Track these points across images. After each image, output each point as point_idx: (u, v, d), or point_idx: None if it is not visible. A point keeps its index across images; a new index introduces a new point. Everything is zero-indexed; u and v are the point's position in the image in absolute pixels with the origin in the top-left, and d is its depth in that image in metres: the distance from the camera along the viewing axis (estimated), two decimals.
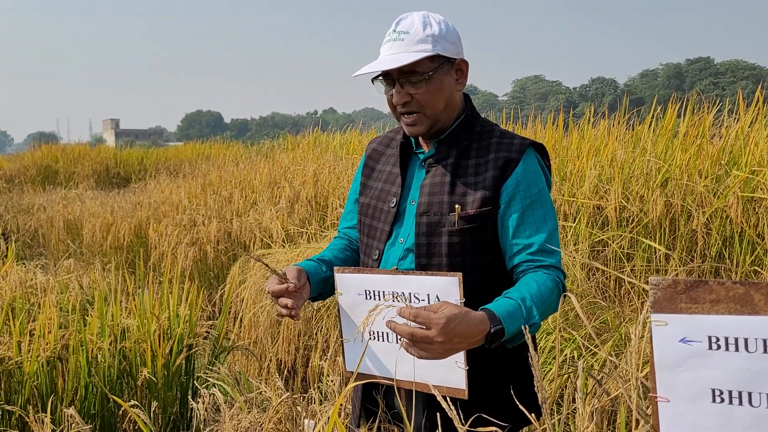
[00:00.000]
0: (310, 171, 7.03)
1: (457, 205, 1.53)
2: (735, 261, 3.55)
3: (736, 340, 0.97)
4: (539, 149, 1.61)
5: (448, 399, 1.24)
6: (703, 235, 3.56)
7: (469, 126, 1.63)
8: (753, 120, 4.12)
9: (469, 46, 1.63)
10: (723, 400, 0.99)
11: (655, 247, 3.66)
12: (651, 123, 4.63)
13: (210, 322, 3.88)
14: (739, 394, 0.98)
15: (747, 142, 3.89)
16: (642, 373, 1.14)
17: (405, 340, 1.29)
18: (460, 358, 1.38)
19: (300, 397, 1.82)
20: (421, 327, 1.26)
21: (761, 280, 3.38)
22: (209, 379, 3.12)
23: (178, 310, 3.34)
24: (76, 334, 2.98)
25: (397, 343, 1.48)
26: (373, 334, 1.51)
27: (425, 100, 1.54)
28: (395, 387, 1.48)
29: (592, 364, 2.71)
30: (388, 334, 1.49)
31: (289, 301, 1.48)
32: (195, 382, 3.34)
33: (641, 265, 3.70)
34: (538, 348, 2.97)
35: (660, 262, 3.68)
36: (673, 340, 1.01)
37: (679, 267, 3.59)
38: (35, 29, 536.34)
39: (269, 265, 1.53)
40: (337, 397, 1.95)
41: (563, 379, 2.65)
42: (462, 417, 1.23)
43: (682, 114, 4.49)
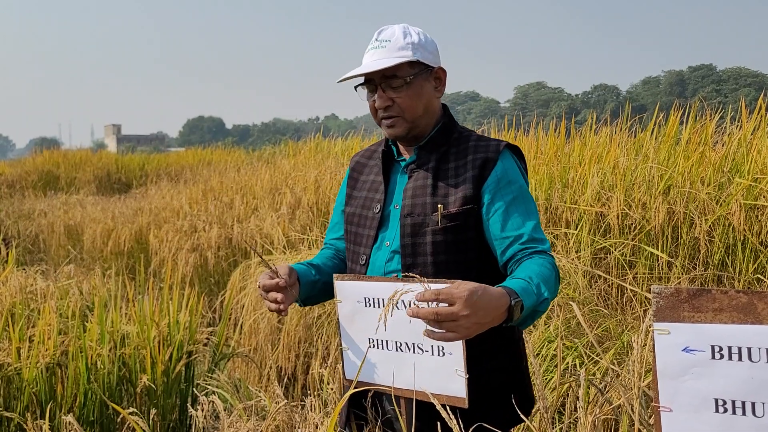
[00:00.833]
0: (311, 177, 7.03)
1: (439, 205, 1.58)
2: (738, 269, 3.54)
3: (740, 349, 0.96)
4: (514, 150, 1.67)
5: (448, 408, 1.22)
6: (705, 243, 3.55)
7: (447, 132, 1.69)
8: (756, 127, 4.11)
9: (470, 52, 1.67)
10: (726, 410, 0.98)
11: (657, 255, 3.65)
12: (653, 130, 4.63)
13: (210, 329, 3.87)
14: (743, 404, 0.97)
15: (750, 149, 3.88)
16: (644, 382, 1.13)
17: (428, 328, 1.28)
18: (460, 366, 1.36)
19: (298, 406, 1.81)
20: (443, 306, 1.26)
21: (764, 288, 3.37)
22: (209, 386, 3.10)
23: (178, 316, 3.33)
24: (76, 341, 2.98)
25: (397, 351, 1.47)
26: (373, 342, 1.51)
27: (405, 105, 1.60)
28: (392, 395, 1.47)
29: (593, 373, 2.69)
30: (387, 342, 1.48)
31: (279, 296, 1.52)
32: (194, 389, 3.33)
33: (643, 273, 3.69)
34: (539, 356, 2.95)
35: (662, 269, 3.66)
36: (675, 349, 1.00)
37: (682, 275, 3.58)
38: (37, 35, 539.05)
39: (264, 259, 1.54)
40: (336, 406, 1.94)
41: (565, 387, 2.63)
42: (461, 424, 1.22)
43: (685, 121, 4.48)
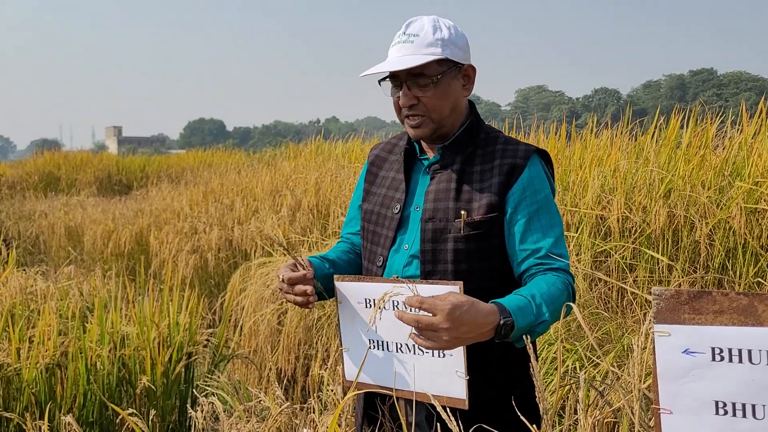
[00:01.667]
0: (312, 179, 7.03)
1: (462, 211, 1.52)
2: (738, 272, 3.53)
3: (740, 351, 0.96)
4: (543, 156, 1.61)
5: (448, 409, 1.22)
6: (706, 246, 3.55)
7: (474, 132, 1.62)
8: (756, 131, 4.11)
9: (471, 55, 1.62)
10: (726, 413, 0.98)
11: (657, 258, 3.64)
12: (654, 133, 4.62)
13: (210, 330, 3.87)
14: (743, 406, 0.96)
15: (750, 153, 3.88)
16: (644, 384, 1.13)
17: (412, 331, 1.28)
18: (461, 368, 1.36)
19: (299, 407, 1.81)
20: (427, 315, 1.25)
21: (765, 291, 3.37)
22: (208, 387, 3.10)
23: (178, 318, 3.33)
24: (76, 341, 2.98)
25: (398, 352, 1.47)
26: (373, 342, 1.50)
27: (432, 104, 1.53)
28: (394, 396, 1.47)
29: (593, 376, 2.69)
30: (387, 343, 1.48)
31: (309, 288, 1.46)
32: (194, 390, 3.33)
33: (644, 276, 3.69)
34: (539, 358, 2.95)
35: (663, 273, 3.66)
36: (676, 351, 1.00)
37: (682, 278, 3.57)
38: (38, 36, 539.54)
39: (289, 250, 1.51)
40: (337, 407, 1.94)
41: (565, 390, 2.63)
42: (462, 427, 1.21)
43: (685, 125, 4.48)
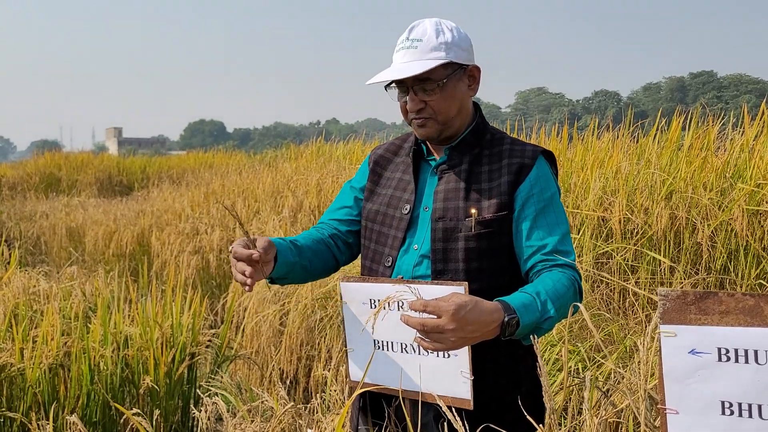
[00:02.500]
0: (313, 180, 7.04)
1: (473, 210, 1.53)
2: (740, 274, 3.54)
3: (746, 351, 0.96)
4: (549, 157, 1.63)
5: (453, 410, 1.23)
6: (707, 248, 3.55)
7: (480, 133, 1.64)
8: (758, 133, 4.12)
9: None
10: (732, 413, 0.98)
11: (659, 260, 3.65)
12: (655, 135, 4.63)
13: (212, 331, 3.87)
14: (749, 406, 0.97)
15: (752, 155, 3.88)
16: (649, 384, 1.13)
17: (418, 335, 1.29)
18: (466, 368, 1.37)
19: (303, 408, 1.81)
20: (432, 318, 1.26)
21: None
22: (211, 387, 3.11)
23: (181, 318, 3.34)
24: (79, 342, 2.98)
25: (403, 352, 1.47)
26: (378, 343, 1.51)
27: (439, 107, 1.55)
28: (400, 397, 1.47)
29: (596, 376, 2.70)
30: (392, 344, 1.48)
31: (248, 269, 1.41)
32: (197, 390, 3.33)
33: (645, 278, 3.69)
34: (542, 359, 2.95)
35: (664, 274, 3.66)
36: (682, 351, 1.01)
37: (684, 280, 3.58)
38: (38, 37, 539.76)
39: (240, 219, 1.45)
40: (341, 407, 1.94)
41: (568, 391, 2.64)
42: (467, 426, 1.22)
43: (687, 127, 4.49)
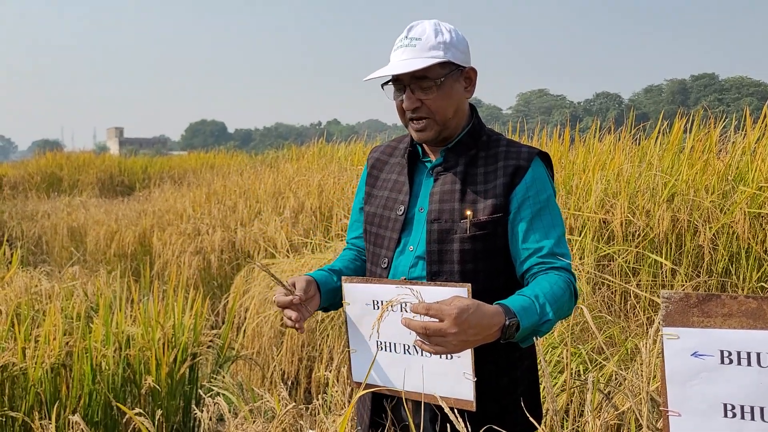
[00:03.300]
0: (314, 181, 7.05)
1: (468, 212, 1.54)
2: (742, 277, 3.54)
3: (749, 354, 0.97)
4: (544, 158, 1.63)
5: (456, 410, 1.23)
6: (709, 251, 3.55)
7: (476, 135, 1.64)
8: (760, 136, 4.12)
9: (472, 59, 1.64)
10: (735, 415, 0.98)
11: (661, 262, 3.65)
12: (657, 138, 4.63)
13: (214, 332, 3.87)
14: (752, 408, 0.97)
15: (754, 157, 3.88)
16: (651, 387, 1.13)
17: (419, 338, 1.29)
18: (468, 369, 1.37)
19: (305, 408, 1.82)
20: (434, 321, 1.27)
21: None
22: (213, 387, 3.11)
23: (183, 318, 3.34)
24: (81, 341, 2.99)
25: (405, 354, 1.47)
26: (381, 344, 1.51)
27: (435, 106, 1.55)
28: (403, 398, 1.47)
29: (598, 379, 2.70)
30: (395, 345, 1.48)
31: (294, 314, 1.49)
32: (199, 390, 3.34)
33: (647, 280, 3.69)
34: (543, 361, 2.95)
35: (666, 277, 3.66)
36: (684, 353, 1.01)
37: (686, 282, 3.58)
38: (39, 37, 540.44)
39: (276, 276, 1.52)
40: (343, 408, 1.95)
41: (569, 393, 2.64)
42: (468, 428, 1.22)
43: (688, 129, 4.49)
